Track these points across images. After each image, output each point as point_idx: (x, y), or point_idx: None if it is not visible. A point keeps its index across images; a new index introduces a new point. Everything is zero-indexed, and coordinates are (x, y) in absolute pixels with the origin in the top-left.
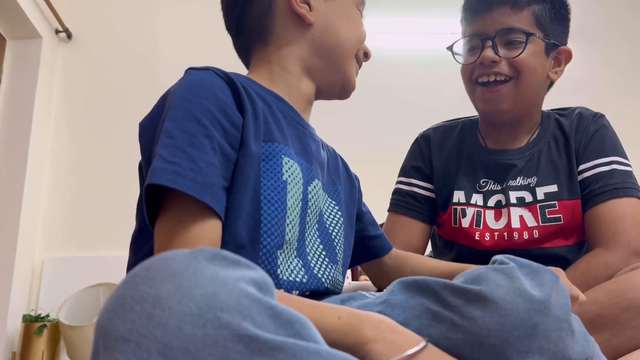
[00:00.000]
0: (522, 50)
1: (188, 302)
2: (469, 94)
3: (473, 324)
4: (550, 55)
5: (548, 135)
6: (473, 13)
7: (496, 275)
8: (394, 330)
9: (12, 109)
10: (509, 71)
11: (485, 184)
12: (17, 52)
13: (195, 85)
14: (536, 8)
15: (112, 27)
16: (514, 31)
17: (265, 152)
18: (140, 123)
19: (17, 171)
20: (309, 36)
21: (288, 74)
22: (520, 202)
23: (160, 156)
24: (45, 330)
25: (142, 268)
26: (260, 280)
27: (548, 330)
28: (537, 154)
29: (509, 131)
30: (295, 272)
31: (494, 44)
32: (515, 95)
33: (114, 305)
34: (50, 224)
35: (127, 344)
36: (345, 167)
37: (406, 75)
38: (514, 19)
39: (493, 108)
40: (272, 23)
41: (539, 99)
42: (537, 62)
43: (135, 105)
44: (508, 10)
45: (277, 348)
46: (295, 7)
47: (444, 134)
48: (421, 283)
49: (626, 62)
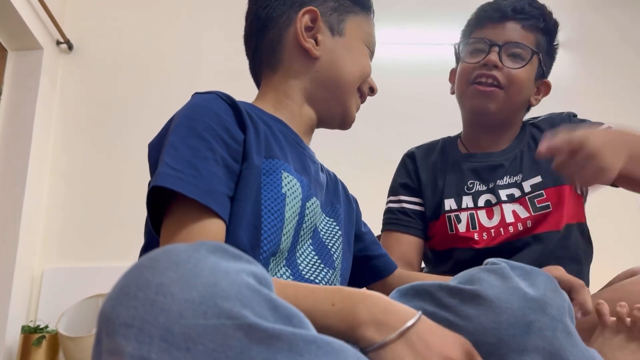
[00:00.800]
0: (525, 64)
1: (190, 290)
2: (460, 93)
3: (469, 322)
4: (536, 82)
5: (527, 138)
6: (486, 19)
7: (489, 276)
8: (386, 310)
9: (13, 120)
10: (504, 81)
11: (473, 186)
12: (18, 63)
13: (198, 106)
14: (539, 36)
15: (113, 39)
16: (522, 46)
17: (266, 167)
18: (150, 144)
19: (17, 182)
20: (314, 69)
21: (291, 101)
22: (511, 198)
23: (165, 163)
24: (44, 341)
25: (146, 258)
26: (260, 274)
27: (543, 329)
28: (520, 154)
29: (490, 137)
30: (283, 279)
31: (500, 51)
32: (503, 102)
33: (117, 293)
34: (50, 234)
35: (130, 329)
36: (345, 190)
37: (404, 85)
38: (522, 36)
39: (482, 106)
40: (281, 54)
41: (520, 115)
42: (527, 81)
43: (136, 117)
44: (519, 28)
45: (276, 336)
46: (302, 41)
47: (426, 150)
48: (417, 287)
49: (625, 71)
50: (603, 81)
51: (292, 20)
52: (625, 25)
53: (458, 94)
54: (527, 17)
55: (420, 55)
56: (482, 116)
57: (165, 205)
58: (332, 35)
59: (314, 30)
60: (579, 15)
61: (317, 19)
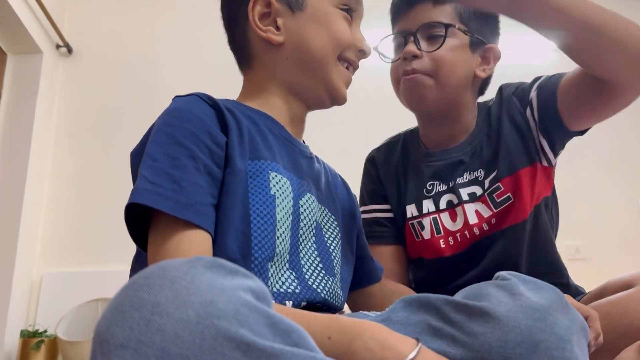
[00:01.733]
0: (442, 42)
1: (186, 309)
2: (396, 94)
3: (474, 339)
4: (476, 52)
5: (484, 125)
6: (397, 12)
7: (498, 292)
8: (384, 346)
9: (12, 124)
10: (430, 67)
11: (432, 187)
12: (17, 66)
13: (178, 110)
14: (458, 4)
15: (112, 42)
16: (435, 25)
17: (252, 170)
18: (132, 152)
19: (16, 186)
20: (283, 56)
21: (272, 95)
22: (472, 197)
23: (143, 177)
24: (43, 345)
25: (140, 276)
26: (258, 289)
27: (551, 349)
28: (479, 146)
29: (445, 131)
30: (287, 283)
31: (415, 38)
32: (435, 88)
33: (112, 313)
34: (49, 238)
35: (126, 350)
36: (346, 187)
37: None
38: (436, 14)
39: (415, 96)
40: (249, 50)
41: (467, 97)
42: (458, 57)
43: (136, 120)
44: (430, 6)
45: (274, 356)
46: (259, 33)
47: (387, 151)
48: (423, 300)
49: None
50: None
51: (247, 13)
52: None
53: (397, 95)
54: None
55: None
56: (422, 106)
57: (147, 218)
58: (292, 13)
59: (271, 15)
60: None
61: (271, 2)
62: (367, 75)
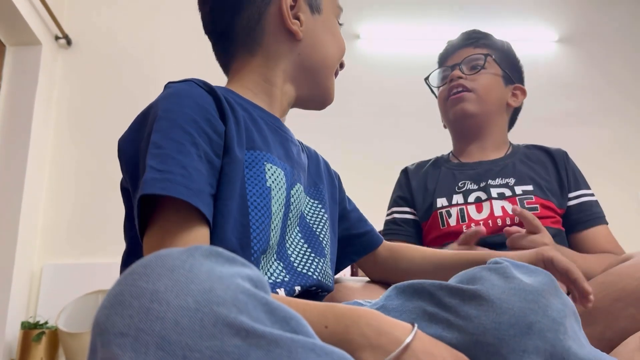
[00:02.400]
0: (482, 67)
1: (185, 296)
2: (443, 114)
3: (469, 322)
4: (508, 86)
5: (520, 154)
6: (445, 57)
7: (491, 275)
8: (380, 332)
9: (12, 115)
10: (470, 85)
11: (464, 185)
12: (16, 58)
13: (177, 96)
14: (493, 51)
15: (111, 34)
16: (476, 57)
17: (248, 160)
18: (120, 139)
19: (16, 177)
20: (296, 51)
21: (272, 86)
22: (501, 196)
23: (150, 167)
24: (43, 337)
25: (139, 265)
26: (256, 277)
27: (544, 330)
28: (512, 165)
29: (477, 145)
30: (276, 273)
31: (460, 67)
32: (477, 101)
33: (111, 302)
34: (50, 230)
35: (125, 339)
36: (327, 167)
37: (402, 80)
38: (476, 52)
39: (460, 110)
40: (261, 35)
41: (501, 119)
42: (493, 81)
43: (135, 111)
44: (472, 49)
45: (274, 342)
46: (288, 23)
47: (419, 165)
48: (417, 286)
49: (622, 68)
50: (603, 76)
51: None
52: (625, 20)
53: (442, 115)
54: (474, 40)
55: (417, 51)
56: (464, 119)
57: (151, 210)
58: (312, 14)
59: (295, 8)
60: (579, 10)
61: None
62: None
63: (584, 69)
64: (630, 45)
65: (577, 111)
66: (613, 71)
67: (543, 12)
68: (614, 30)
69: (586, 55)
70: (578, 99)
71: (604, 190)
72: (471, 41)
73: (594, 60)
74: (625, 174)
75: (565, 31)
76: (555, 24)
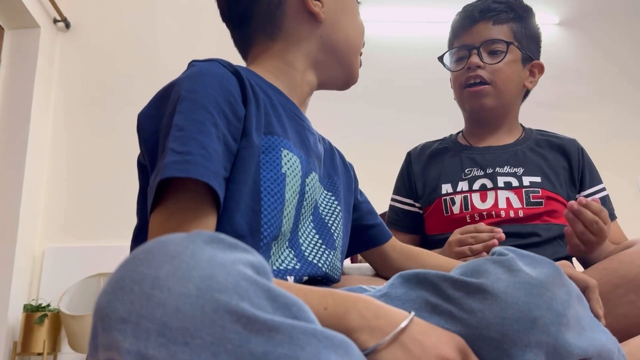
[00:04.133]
0: (503, 57)
1: (187, 283)
2: (457, 98)
3: (472, 316)
4: (526, 67)
5: (531, 141)
6: (459, 28)
7: (496, 268)
8: (378, 315)
9: (11, 99)
10: (490, 77)
11: (470, 172)
12: (15, 41)
13: (201, 75)
14: (513, 25)
15: (110, 16)
16: (496, 41)
17: (265, 145)
18: (140, 114)
19: (16, 161)
20: (318, 32)
21: (293, 69)
22: (508, 186)
23: (171, 150)
24: (46, 319)
25: (140, 251)
26: (258, 263)
27: (548, 325)
28: (522, 153)
29: (491, 131)
30: (287, 261)
31: (479, 52)
32: (495, 95)
33: (113, 288)
34: (51, 214)
35: (126, 324)
36: (342, 159)
37: (404, 63)
38: (496, 32)
39: (478, 104)
40: (282, 19)
41: (516, 104)
42: (513, 70)
43: (135, 94)
44: (490, 25)
45: (275, 329)
46: (310, 5)
47: (424, 147)
48: (421, 276)
49: (622, 52)
50: (604, 60)
51: None
52: (627, 3)
53: (457, 99)
54: (494, 13)
55: (420, 34)
56: (482, 112)
57: (164, 188)
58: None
59: None
60: None
61: None
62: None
63: (584, 53)
64: (632, 29)
65: (578, 95)
66: (614, 55)
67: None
68: (615, 13)
69: (587, 39)
70: (578, 83)
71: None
72: (491, 14)
73: (594, 44)
74: (625, 159)
75: (566, 14)
76: (556, 7)
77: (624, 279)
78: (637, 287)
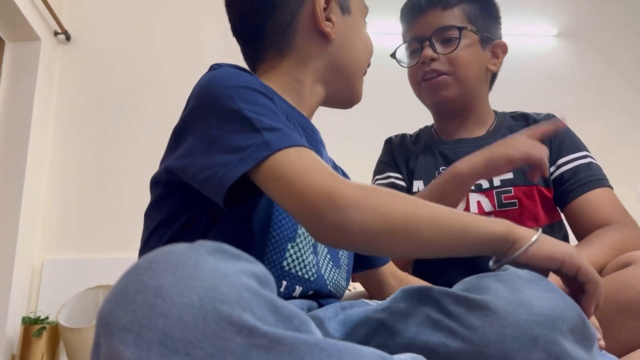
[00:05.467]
0: (457, 44)
1: (189, 293)
2: (417, 95)
3: (473, 333)
4: (486, 49)
5: (504, 129)
6: (408, 19)
7: (498, 285)
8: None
9: (11, 111)
10: (448, 68)
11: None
12: (15, 53)
13: (234, 73)
14: (465, 7)
15: (110, 29)
16: (448, 29)
17: None
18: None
19: (16, 173)
20: (327, 51)
21: (302, 86)
22: (478, 188)
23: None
24: (44, 332)
25: (144, 260)
26: (261, 274)
27: (549, 343)
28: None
29: (459, 123)
30: (308, 268)
31: (431, 43)
32: (455, 84)
33: (116, 297)
34: (50, 225)
35: (129, 334)
36: (345, 175)
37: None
38: (446, 18)
39: (438, 97)
40: (292, 37)
41: (481, 90)
42: (471, 55)
43: (135, 107)
44: (439, 12)
45: (276, 340)
46: (321, 25)
47: (402, 137)
48: (423, 291)
49: (620, 62)
50: (601, 70)
51: (304, 0)
52: (624, 14)
53: (416, 95)
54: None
55: None
56: (444, 104)
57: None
58: (342, 15)
59: (327, 10)
60: (578, 5)
61: (331, 0)
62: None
63: (582, 64)
64: (629, 39)
65: (576, 105)
66: (612, 65)
67: (541, 7)
68: (613, 24)
69: (585, 50)
70: (576, 93)
71: None
72: (438, 0)
73: (592, 54)
74: (624, 169)
75: (564, 25)
76: (554, 19)
77: (626, 305)
78: (638, 314)
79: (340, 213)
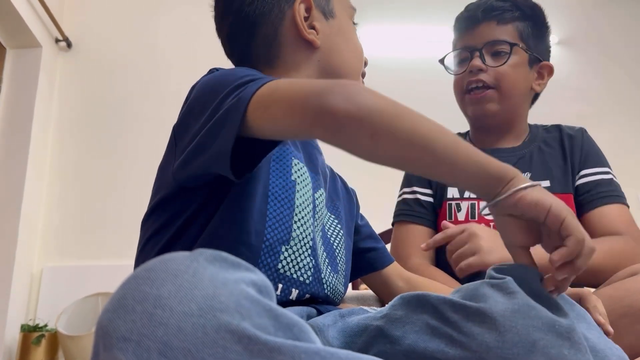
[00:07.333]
0: (507, 59)
1: (189, 302)
2: (459, 103)
3: (472, 340)
4: (533, 68)
5: (538, 141)
6: (462, 28)
7: (494, 292)
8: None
9: (12, 118)
10: (493, 81)
11: None
12: (17, 60)
13: (232, 72)
14: (519, 25)
15: (111, 36)
16: (499, 43)
17: (276, 153)
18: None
19: (16, 180)
20: (315, 58)
21: None
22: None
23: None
24: (43, 340)
25: (143, 269)
26: (260, 282)
27: (548, 347)
28: (529, 155)
29: (497, 137)
30: (303, 270)
31: (481, 54)
32: (499, 100)
33: (115, 306)
34: (49, 232)
35: (128, 343)
36: (344, 184)
37: (404, 82)
38: (500, 32)
39: (481, 110)
40: (279, 50)
41: (523, 108)
42: (519, 73)
43: (135, 114)
44: (494, 25)
45: (276, 349)
46: (304, 34)
47: None
48: (421, 298)
49: (626, 69)
50: (603, 79)
51: (284, 13)
52: (626, 23)
53: (459, 104)
54: (498, 12)
55: (420, 53)
56: (486, 118)
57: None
58: (326, 20)
59: (309, 18)
60: (581, 13)
61: (312, 7)
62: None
63: (584, 72)
64: (631, 48)
65: (577, 114)
66: (613, 74)
67: None
68: (614, 33)
69: (586, 58)
70: (578, 101)
71: None
72: (495, 14)
73: (594, 62)
74: (624, 177)
75: (566, 34)
76: (556, 27)
77: (631, 309)
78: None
79: (323, 98)
